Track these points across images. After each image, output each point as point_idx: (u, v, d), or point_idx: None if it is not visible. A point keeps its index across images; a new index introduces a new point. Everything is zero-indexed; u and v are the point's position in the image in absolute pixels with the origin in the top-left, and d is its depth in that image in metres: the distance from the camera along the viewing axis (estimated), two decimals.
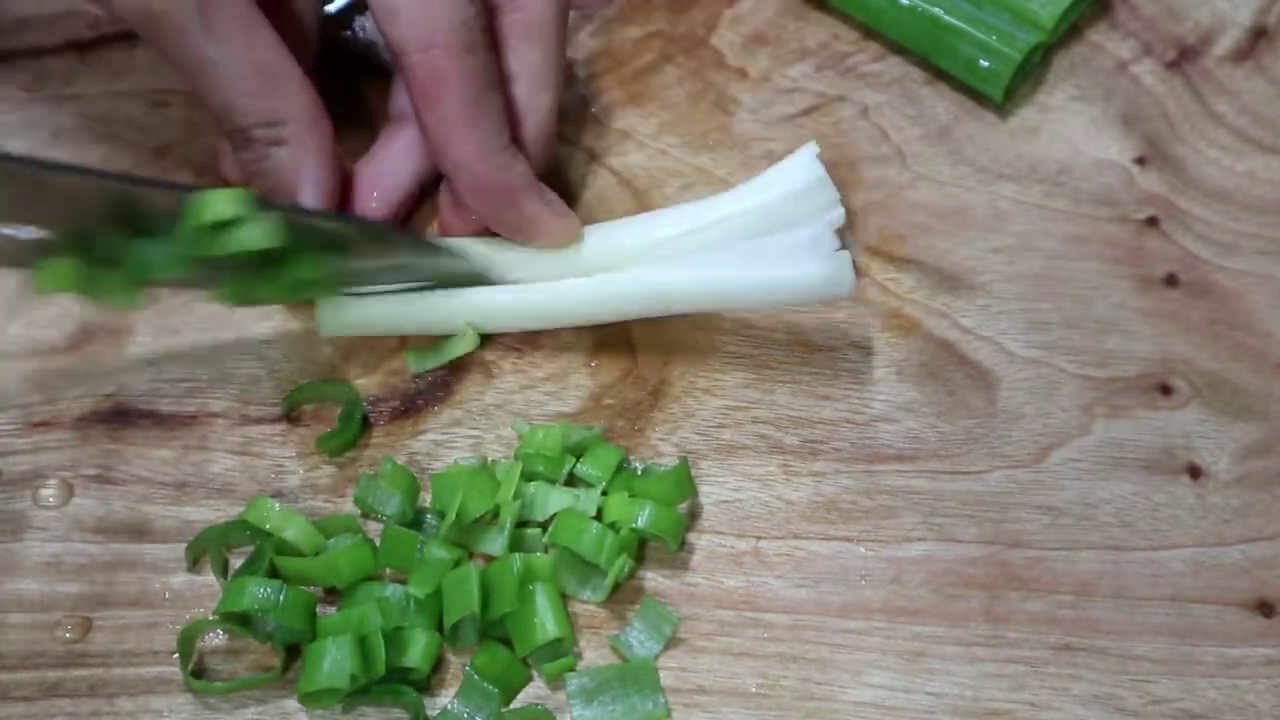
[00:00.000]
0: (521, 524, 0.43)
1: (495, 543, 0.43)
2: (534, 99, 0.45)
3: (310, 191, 0.44)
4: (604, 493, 0.44)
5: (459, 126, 0.42)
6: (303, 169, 0.43)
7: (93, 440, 0.45)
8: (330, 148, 0.44)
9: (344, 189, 0.46)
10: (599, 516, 0.43)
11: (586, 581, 0.43)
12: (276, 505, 0.42)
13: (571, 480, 0.44)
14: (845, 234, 0.50)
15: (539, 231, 0.45)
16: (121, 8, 0.41)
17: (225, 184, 0.43)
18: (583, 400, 0.46)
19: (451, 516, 0.42)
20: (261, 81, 0.42)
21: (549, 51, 0.45)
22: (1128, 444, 0.46)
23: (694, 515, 0.44)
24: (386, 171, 0.47)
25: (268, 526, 0.42)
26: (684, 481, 0.44)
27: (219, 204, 0.40)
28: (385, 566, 0.43)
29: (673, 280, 0.44)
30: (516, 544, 0.43)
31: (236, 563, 0.43)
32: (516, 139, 0.44)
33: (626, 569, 0.42)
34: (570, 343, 0.47)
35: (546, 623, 0.41)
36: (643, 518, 0.42)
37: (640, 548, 0.44)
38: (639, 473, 0.44)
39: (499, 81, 0.44)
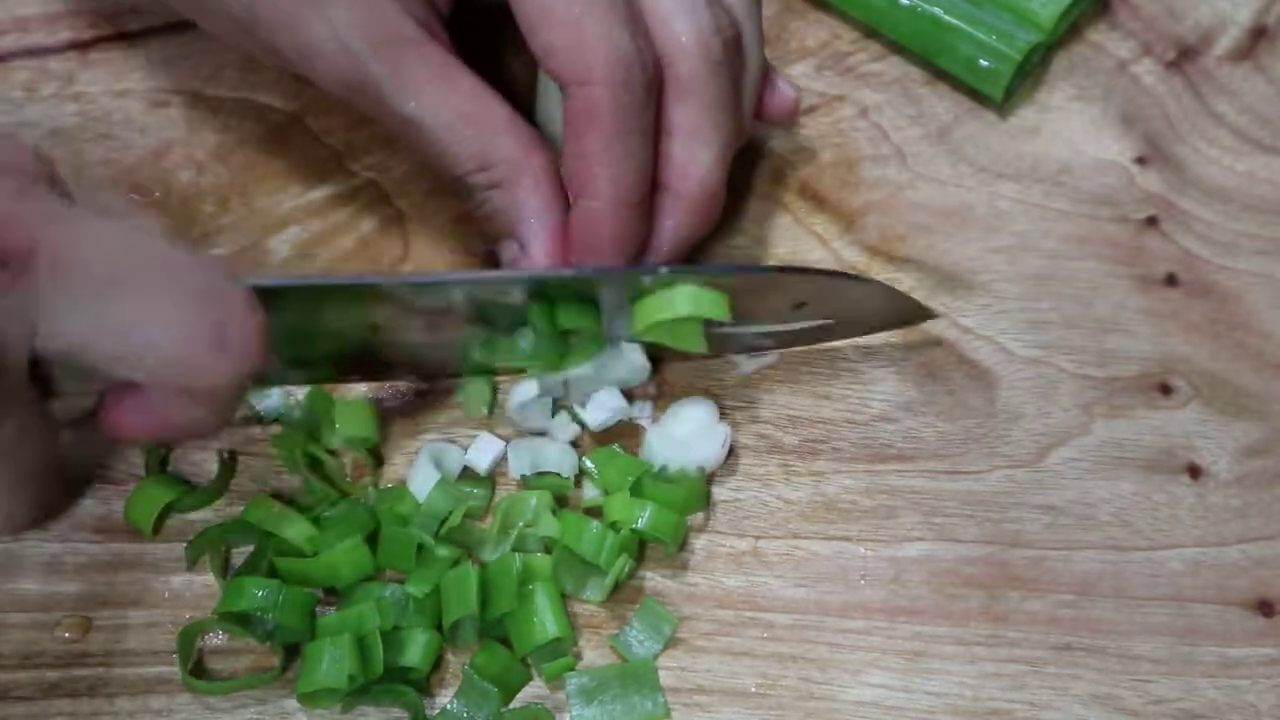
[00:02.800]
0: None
1: (494, 553, 0.43)
2: (692, 156, 0.43)
3: (530, 233, 0.43)
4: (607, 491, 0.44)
5: (597, 163, 0.41)
6: (520, 209, 0.43)
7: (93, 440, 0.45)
8: (546, 181, 0.43)
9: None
10: (600, 515, 0.43)
11: (586, 581, 0.43)
12: (276, 505, 0.42)
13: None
14: (844, 233, 0.50)
15: None
16: (322, 81, 0.42)
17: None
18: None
19: (457, 519, 0.42)
20: (465, 128, 0.42)
21: (707, 109, 0.43)
22: (1128, 444, 0.46)
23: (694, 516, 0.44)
24: None
25: (268, 526, 0.42)
26: (697, 494, 0.43)
27: None
28: (384, 568, 0.43)
29: None
30: (516, 544, 0.43)
31: (236, 563, 0.43)
32: (676, 197, 0.43)
33: (627, 569, 0.42)
34: None
35: (546, 622, 0.41)
36: (643, 519, 0.42)
37: (640, 548, 0.44)
38: (652, 473, 0.44)
39: (653, 133, 0.42)
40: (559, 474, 0.44)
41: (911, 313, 0.46)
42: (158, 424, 0.37)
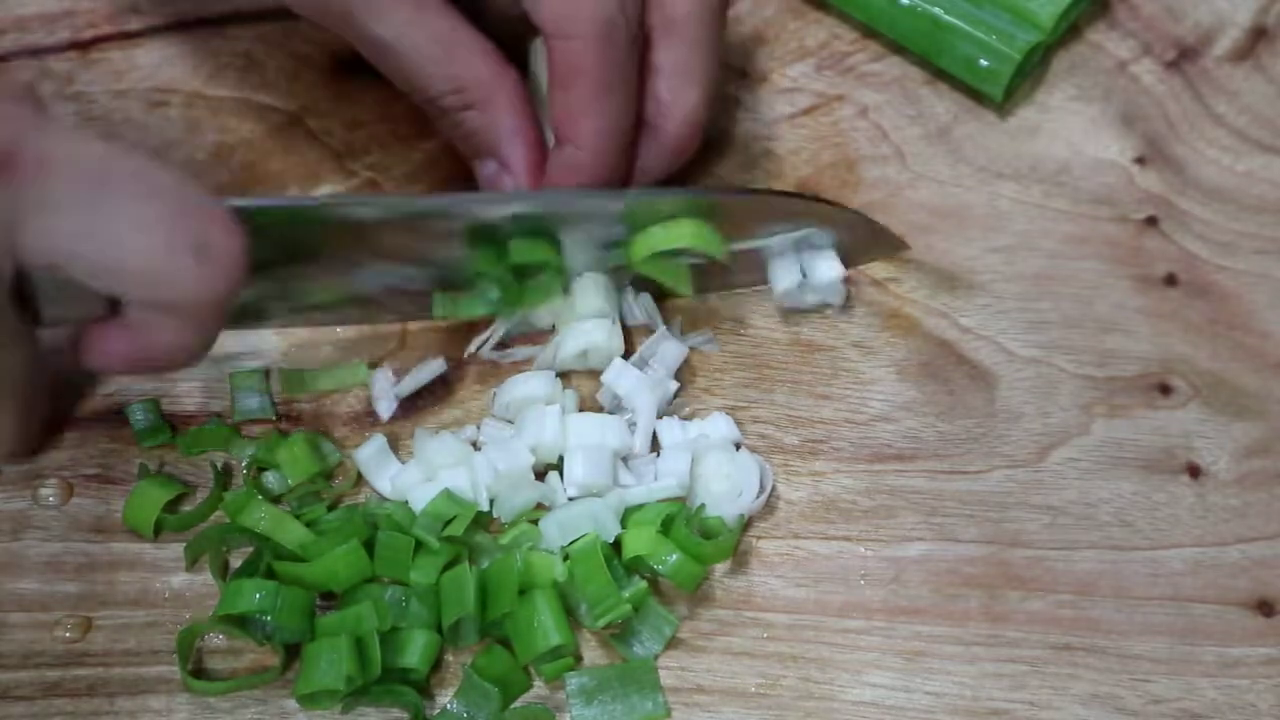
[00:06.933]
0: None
1: (492, 558, 0.42)
2: (678, 95, 0.44)
3: (509, 148, 0.44)
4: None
5: (582, 115, 0.43)
6: (497, 128, 0.44)
7: (93, 440, 0.45)
8: (519, 101, 0.44)
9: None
10: (618, 545, 0.42)
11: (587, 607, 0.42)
12: (269, 507, 0.42)
13: None
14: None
15: None
16: (295, 4, 0.43)
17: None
18: (583, 400, 0.46)
19: (462, 529, 0.42)
20: (437, 51, 0.43)
21: (695, 47, 0.44)
22: (1127, 443, 0.46)
23: None
24: None
25: (261, 529, 0.42)
26: (728, 548, 0.43)
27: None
28: (381, 575, 0.42)
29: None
30: (516, 541, 0.43)
31: (235, 563, 0.43)
32: (660, 135, 0.45)
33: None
34: None
35: (548, 631, 0.40)
36: (667, 565, 0.41)
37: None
38: (689, 511, 0.43)
39: (635, 83, 0.44)
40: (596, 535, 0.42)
41: (890, 245, 0.47)
42: (138, 350, 0.37)
